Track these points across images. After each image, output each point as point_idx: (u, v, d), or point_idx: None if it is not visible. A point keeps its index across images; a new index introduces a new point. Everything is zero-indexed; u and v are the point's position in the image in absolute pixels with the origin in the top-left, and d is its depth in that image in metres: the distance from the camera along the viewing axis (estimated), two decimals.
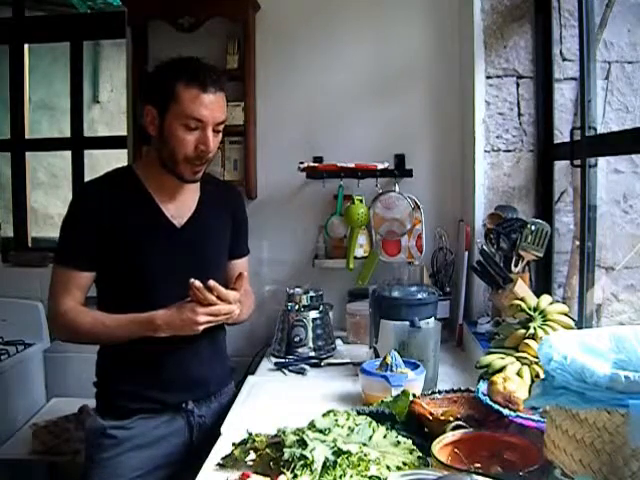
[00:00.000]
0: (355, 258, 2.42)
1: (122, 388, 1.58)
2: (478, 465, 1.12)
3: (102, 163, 3.33)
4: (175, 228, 1.59)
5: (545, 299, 1.61)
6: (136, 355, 1.55)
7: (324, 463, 1.10)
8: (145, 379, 1.57)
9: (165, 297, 1.53)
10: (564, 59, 2.15)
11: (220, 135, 1.56)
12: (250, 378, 1.90)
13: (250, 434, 1.29)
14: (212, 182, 1.74)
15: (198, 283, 1.45)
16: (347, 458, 1.11)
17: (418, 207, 2.39)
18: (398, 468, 1.14)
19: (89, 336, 1.54)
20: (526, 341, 1.53)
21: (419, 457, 1.18)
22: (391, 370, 1.57)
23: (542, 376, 1.11)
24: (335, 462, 1.10)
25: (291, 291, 2.19)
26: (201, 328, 1.48)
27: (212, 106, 1.48)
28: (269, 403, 1.68)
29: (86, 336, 1.54)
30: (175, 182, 1.58)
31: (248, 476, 1.14)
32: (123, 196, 1.56)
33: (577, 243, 2.00)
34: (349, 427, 1.24)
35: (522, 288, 1.83)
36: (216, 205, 1.69)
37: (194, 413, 1.61)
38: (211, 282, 1.46)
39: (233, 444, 1.29)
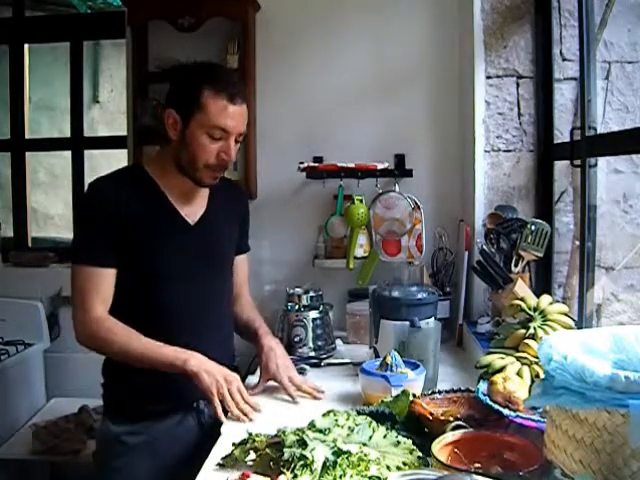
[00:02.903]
0: (355, 258, 2.42)
1: (134, 388, 1.56)
2: (478, 465, 1.12)
3: (102, 163, 3.33)
4: (189, 226, 1.61)
5: (545, 299, 1.61)
6: None
7: (324, 463, 1.10)
8: (157, 378, 1.54)
9: (179, 294, 1.55)
10: (564, 59, 2.15)
11: (239, 144, 1.59)
12: (250, 378, 1.90)
13: (250, 434, 1.29)
14: (219, 181, 1.75)
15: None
16: (347, 458, 1.11)
17: (418, 207, 2.39)
18: (398, 468, 1.14)
19: (120, 350, 1.49)
20: (526, 341, 1.53)
21: (419, 457, 1.18)
22: (391, 370, 1.57)
23: (542, 376, 1.11)
24: (335, 462, 1.10)
25: (291, 291, 2.19)
26: (214, 390, 1.47)
27: (237, 117, 1.52)
28: (269, 403, 1.68)
29: (117, 350, 1.50)
30: (189, 184, 1.60)
31: (248, 476, 1.14)
32: (138, 194, 1.56)
33: (577, 243, 1.99)
34: (349, 427, 1.23)
35: (522, 288, 1.83)
36: (224, 203, 1.72)
37: (204, 413, 1.62)
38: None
39: (233, 444, 1.29)
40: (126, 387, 1.58)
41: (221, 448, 1.34)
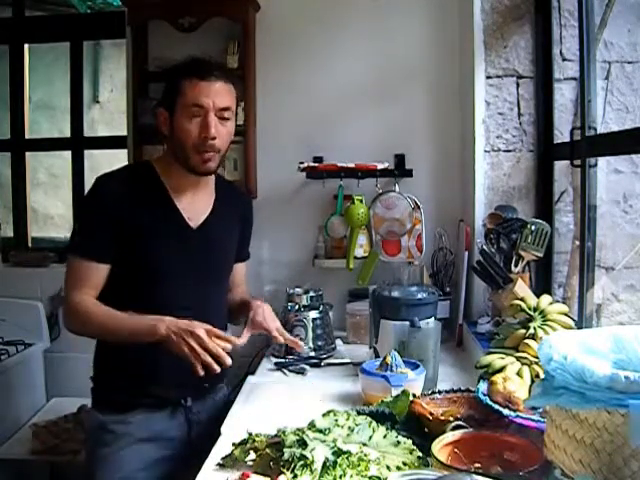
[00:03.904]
0: (355, 258, 2.42)
1: (122, 383, 1.57)
2: (478, 465, 1.12)
3: (102, 163, 3.32)
4: (191, 229, 1.60)
5: (545, 299, 1.61)
6: (136, 350, 1.52)
7: (324, 463, 1.10)
8: (145, 375, 1.56)
9: (174, 297, 1.55)
10: (564, 59, 2.15)
11: (229, 124, 1.56)
12: (250, 378, 1.90)
13: (250, 434, 1.29)
14: (225, 185, 1.78)
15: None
16: (347, 458, 1.11)
17: (418, 207, 2.39)
18: (398, 468, 1.14)
19: (99, 327, 1.51)
20: (526, 341, 1.53)
21: (419, 457, 1.18)
22: (391, 370, 1.57)
23: (542, 376, 1.11)
24: (335, 462, 1.10)
25: (291, 291, 2.19)
26: (190, 341, 1.41)
27: (211, 92, 1.51)
28: (269, 403, 1.68)
29: (96, 326, 1.51)
30: (192, 181, 1.60)
31: (248, 476, 1.14)
32: (142, 192, 1.57)
33: (577, 243, 2.00)
34: (349, 427, 1.24)
35: (522, 288, 1.83)
36: (229, 209, 1.72)
37: (192, 409, 1.62)
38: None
39: (233, 444, 1.30)
40: (114, 382, 1.59)
41: (221, 448, 1.34)
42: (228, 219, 1.71)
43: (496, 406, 1.30)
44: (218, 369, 1.42)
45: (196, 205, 1.63)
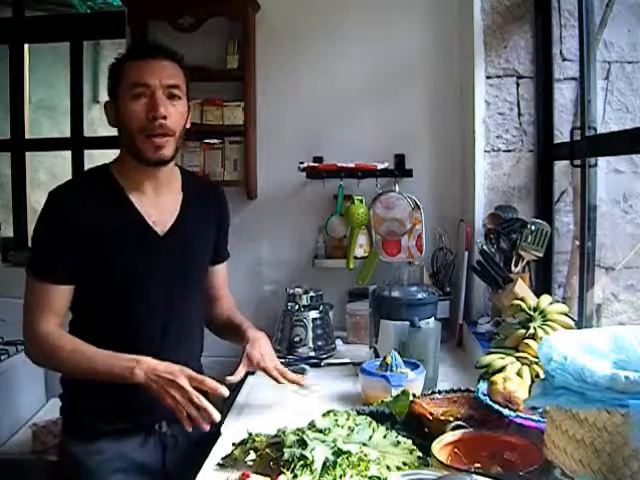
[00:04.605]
0: (355, 258, 2.42)
1: (94, 405, 1.46)
2: (478, 465, 1.12)
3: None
4: (157, 236, 1.47)
5: (545, 299, 1.61)
6: None
7: (324, 463, 1.10)
8: (119, 397, 1.42)
9: (145, 308, 1.46)
10: (564, 59, 2.15)
11: (179, 104, 1.45)
12: (250, 378, 1.90)
13: (250, 434, 1.29)
14: (194, 181, 1.65)
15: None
16: (347, 458, 1.11)
17: (418, 207, 2.39)
18: (398, 468, 1.14)
19: (66, 364, 1.40)
20: (526, 341, 1.53)
21: (419, 457, 1.18)
22: (391, 370, 1.57)
23: (542, 376, 1.11)
24: (335, 462, 1.10)
25: (291, 291, 2.19)
26: (173, 392, 1.31)
27: (155, 70, 1.41)
28: (269, 403, 1.68)
29: (63, 362, 1.40)
30: (150, 176, 1.47)
31: (248, 476, 1.14)
32: (101, 202, 1.44)
33: (577, 243, 2.00)
34: (349, 427, 1.24)
35: (522, 288, 1.83)
36: (200, 208, 1.59)
37: (167, 435, 1.51)
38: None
39: (233, 444, 1.30)
40: (85, 404, 1.48)
41: (221, 448, 1.34)
42: (200, 220, 1.57)
43: (496, 406, 1.30)
44: (207, 428, 1.32)
45: (161, 207, 1.49)
